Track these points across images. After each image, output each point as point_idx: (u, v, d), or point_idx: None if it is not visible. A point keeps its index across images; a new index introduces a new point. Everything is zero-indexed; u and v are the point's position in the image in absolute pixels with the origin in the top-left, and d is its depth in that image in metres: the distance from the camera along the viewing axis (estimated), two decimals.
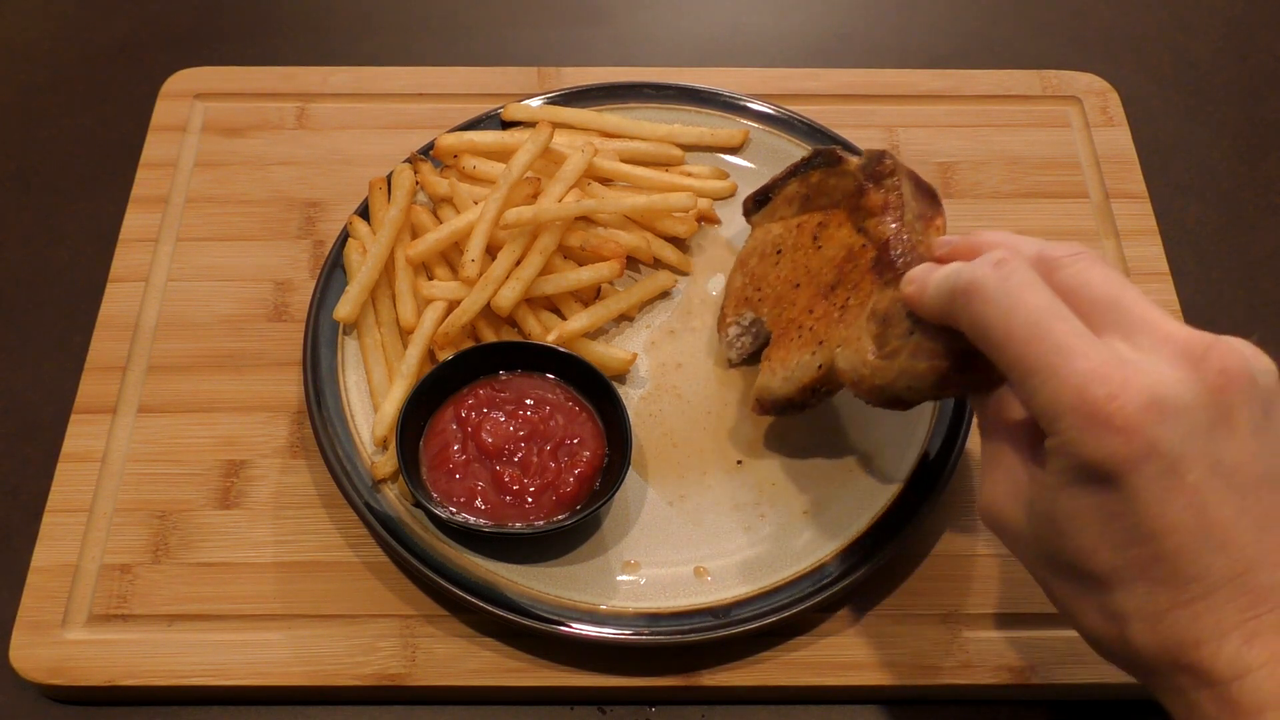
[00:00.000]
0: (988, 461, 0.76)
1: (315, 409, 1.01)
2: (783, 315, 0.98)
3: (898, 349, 0.79)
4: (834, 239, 0.97)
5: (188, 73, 1.31)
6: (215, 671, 0.93)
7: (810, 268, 0.98)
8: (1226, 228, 1.26)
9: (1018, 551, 0.75)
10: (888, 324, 0.81)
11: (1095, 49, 1.41)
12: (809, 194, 1.02)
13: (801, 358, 0.93)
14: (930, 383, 0.78)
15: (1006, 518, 0.74)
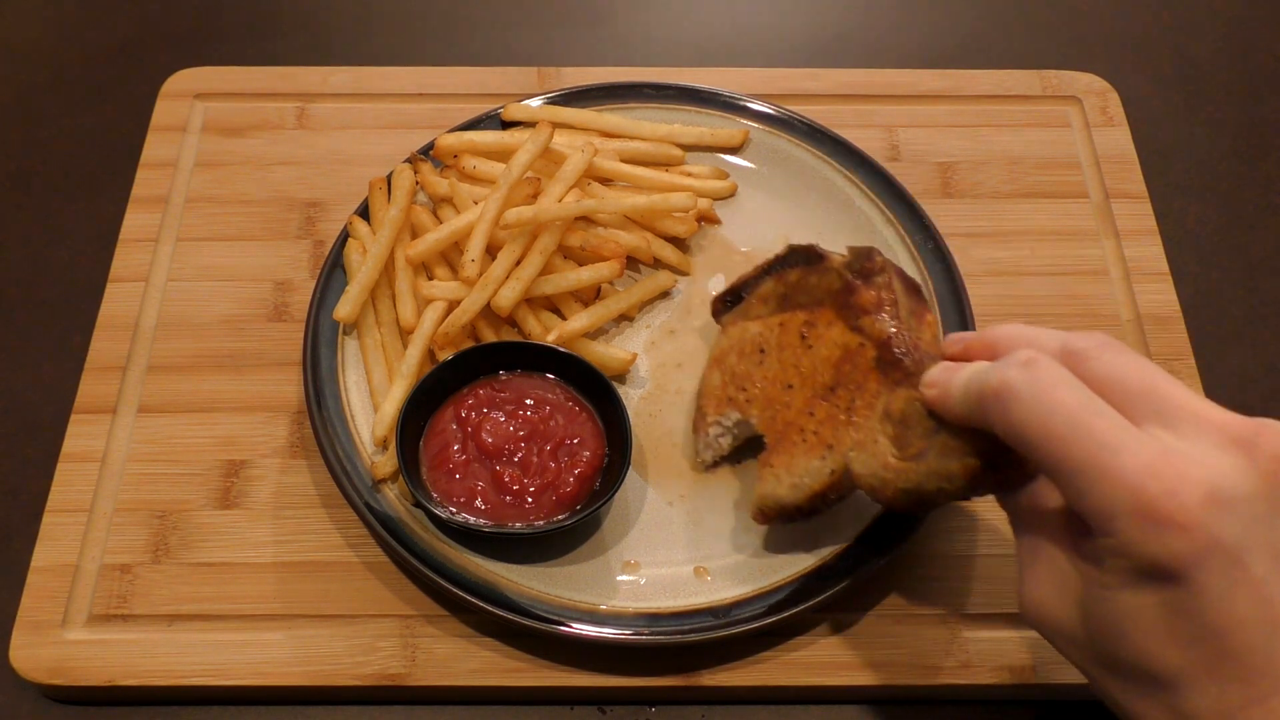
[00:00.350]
0: (1027, 557, 0.75)
1: (315, 409, 1.01)
2: (777, 418, 0.94)
3: (923, 450, 0.78)
4: (825, 338, 0.93)
5: (188, 73, 1.31)
6: (215, 671, 0.93)
7: (802, 368, 0.94)
8: (1226, 228, 1.26)
9: (1067, 650, 0.73)
10: (906, 425, 0.80)
11: (1095, 49, 1.41)
12: (787, 292, 0.98)
13: (810, 463, 0.89)
14: (963, 483, 0.77)
15: (1054, 616, 0.72)
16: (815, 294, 0.96)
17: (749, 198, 1.19)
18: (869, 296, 0.92)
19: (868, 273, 0.93)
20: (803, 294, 0.97)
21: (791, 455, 0.91)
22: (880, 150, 1.24)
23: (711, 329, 1.11)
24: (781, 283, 0.98)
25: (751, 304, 1.00)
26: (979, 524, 1.01)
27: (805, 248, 0.98)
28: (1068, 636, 0.72)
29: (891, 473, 0.81)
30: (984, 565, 0.99)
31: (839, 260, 0.96)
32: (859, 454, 0.85)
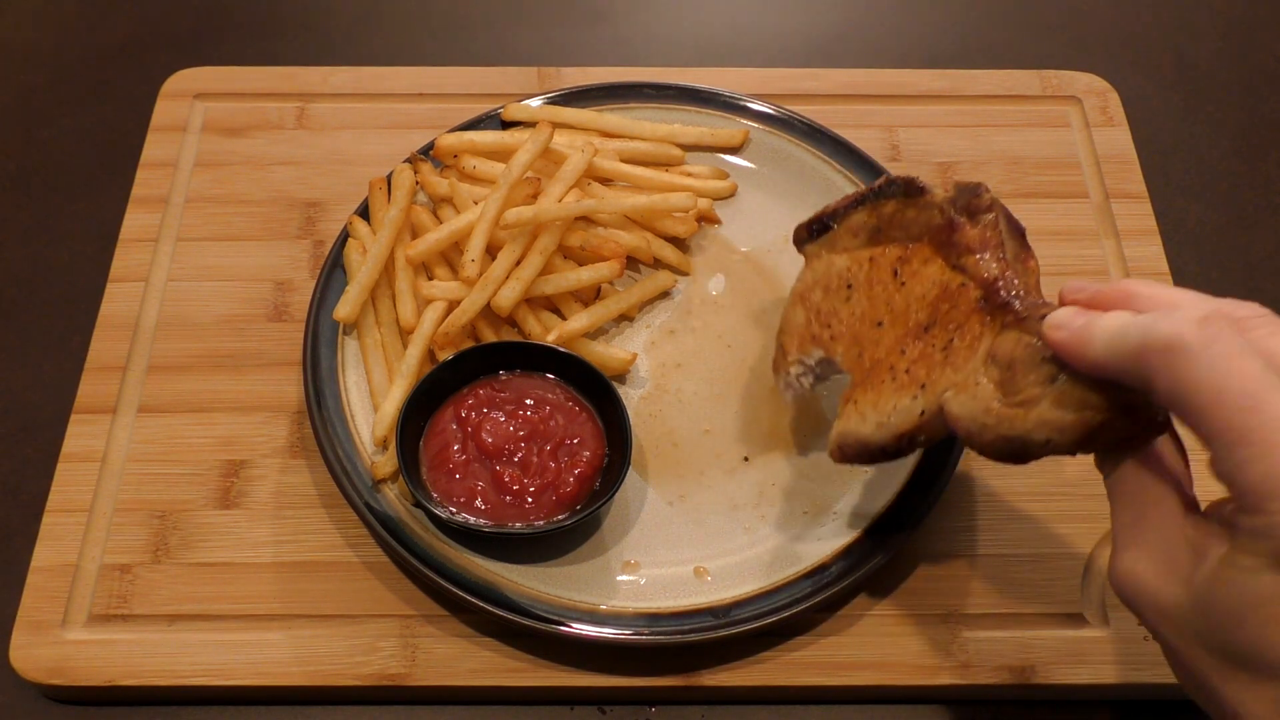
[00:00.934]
0: (1129, 527, 0.71)
1: (315, 409, 1.01)
2: (864, 355, 0.90)
3: (1035, 397, 0.74)
4: (921, 275, 0.88)
5: (188, 73, 1.31)
6: (215, 671, 0.93)
7: (895, 306, 0.89)
8: (1226, 228, 1.26)
9: (1161, 626, 0.70)
10: (1016, 369, 0.75)
11: (1095, 49, 1.41)
12: (880, 225, 0.92)
13: (899, 402, 0.84)
14: (1075, 436, 0.73)
15: (1155, 591, 0.69)
16: (912, 229, 0.90)
17: (749, 198, 1.19)
18: (973, 235, 0.86)
19: (974, 210, 0.87)
20: (898, 228, 0.91)
21: (879, 393, 0.87)
22: (880, 150, 1.24)
23: (712, 329, 1.11)
24: (875, 215, 0.93)
25: (839, 235, 0.95)
26: (979, 524, 1.01)
27: (906, 179, 0.92)
28: (1166, 613, 0.69)
29: (994, 418, 0.76)
30: (984, 565, 0.99)
31: (942, 195, 0.90)
32: (957, 395, 0.79)
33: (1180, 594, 0.67)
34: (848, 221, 0.95)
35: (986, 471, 1.04)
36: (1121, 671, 0.94)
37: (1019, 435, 0.74)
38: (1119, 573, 0.71)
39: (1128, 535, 0.71)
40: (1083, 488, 1.02)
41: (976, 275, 0.84)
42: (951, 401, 0.80)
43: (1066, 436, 0.73)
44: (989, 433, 0.76)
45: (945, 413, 0.80)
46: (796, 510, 1.00)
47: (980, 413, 0.77)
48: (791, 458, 1.03)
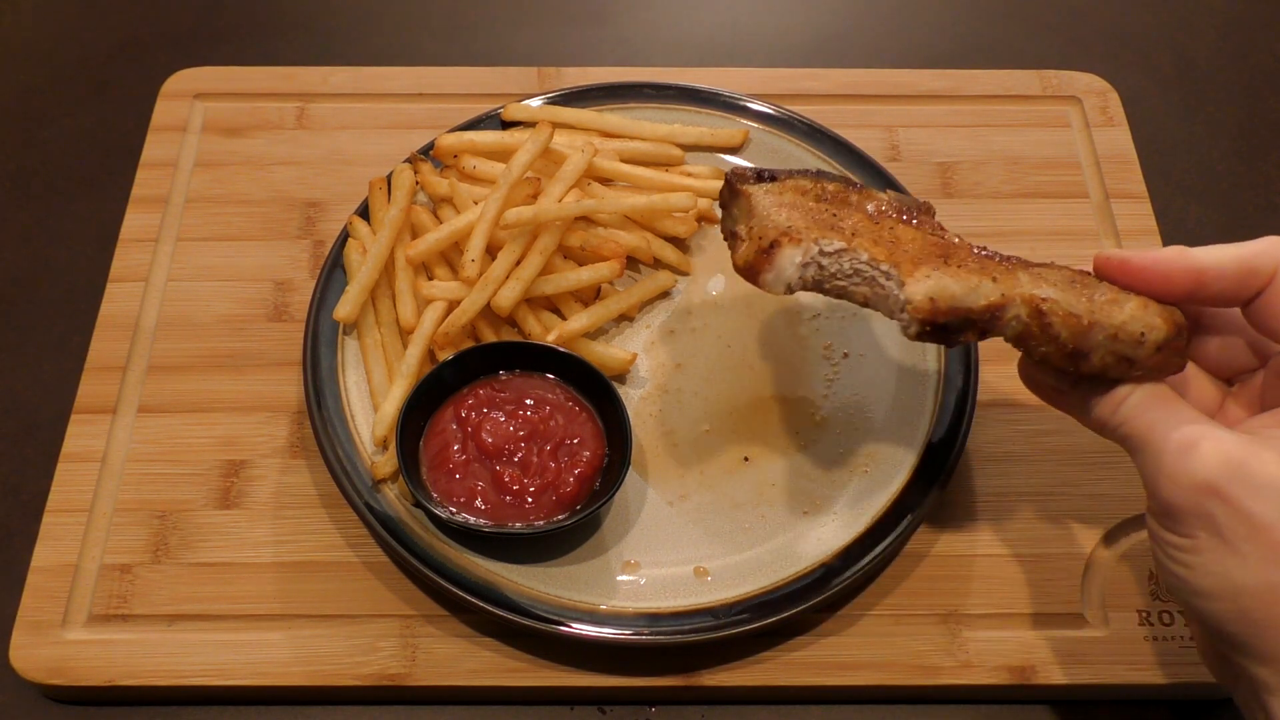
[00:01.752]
0: (1194, 425, 0.74)
1: (315, 409, 1.01)
2: (896, 253, 0.85)
3: (1119, 299, 0.78)
4: (902, 231, 0.88)
5: (188, 73, 1.31)
6: (215, 671, 0.93)
7: (899, 236, 0.87)
8: (1226, 228, 1.26)
9: (1264, 508, 0.70)
10: (1083, 286, 0.79)
11: (1095, 49, 1.41)
12: (824, 195, 0.92)
13: (979, 280, 0.81)
14: (1159, 339, 0.77)
15: (1252, 467, 0.71)
16: (864, 204, 0.91)
17: None
18: (933, 223, 0.91)
19: (925, 211, 0.92)
20: (844, 202, 0.91)
21: (952, 270, 0.83)
22: (880, 150, 1.24)
23: (712, 329, 1.11)
24: (819, 186, 0.93)
25: (785, 187, 0.92)
26: (979, 524, 1.01)
27: (845, 174, 0.96)
28: (1267, 486, 0.70)
29: (1084, 308, 0.78)
30: (984, 565, 0.99)
31: (886, 196, 0.92)
32: (1048, 286, 0.80)
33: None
34: (793, 180, 0.93)
35: (986, 471, 1.04)
36: (1121, 671, 0.94)
37: (1116, 324, 0.77)
38: (1202, 465, 0.71)
39: (1194, 432, 0.73)
40: (1083, 488, 1.03)
41: (963, 242, 0.87)
42: (1041, 286, 0.80)
43: (1154, 336, 0.77)
44: (1081, 321, 0.78)
45: (1035, 298, 0.79)
46: (796, 510, 1.00)
47: (1075, 301, 0.79)
48: (791, 458, 1.03)
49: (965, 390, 1.03)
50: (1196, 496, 0.72)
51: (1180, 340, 0.78)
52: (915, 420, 1.03)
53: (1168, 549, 0.75)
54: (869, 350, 1.09)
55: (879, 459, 1.02)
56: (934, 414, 1.03)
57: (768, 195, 0.91)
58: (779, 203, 0.90)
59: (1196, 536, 0.72)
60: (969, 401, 1.02)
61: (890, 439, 1.03)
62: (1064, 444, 1.05)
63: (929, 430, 1.02)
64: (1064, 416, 0.84)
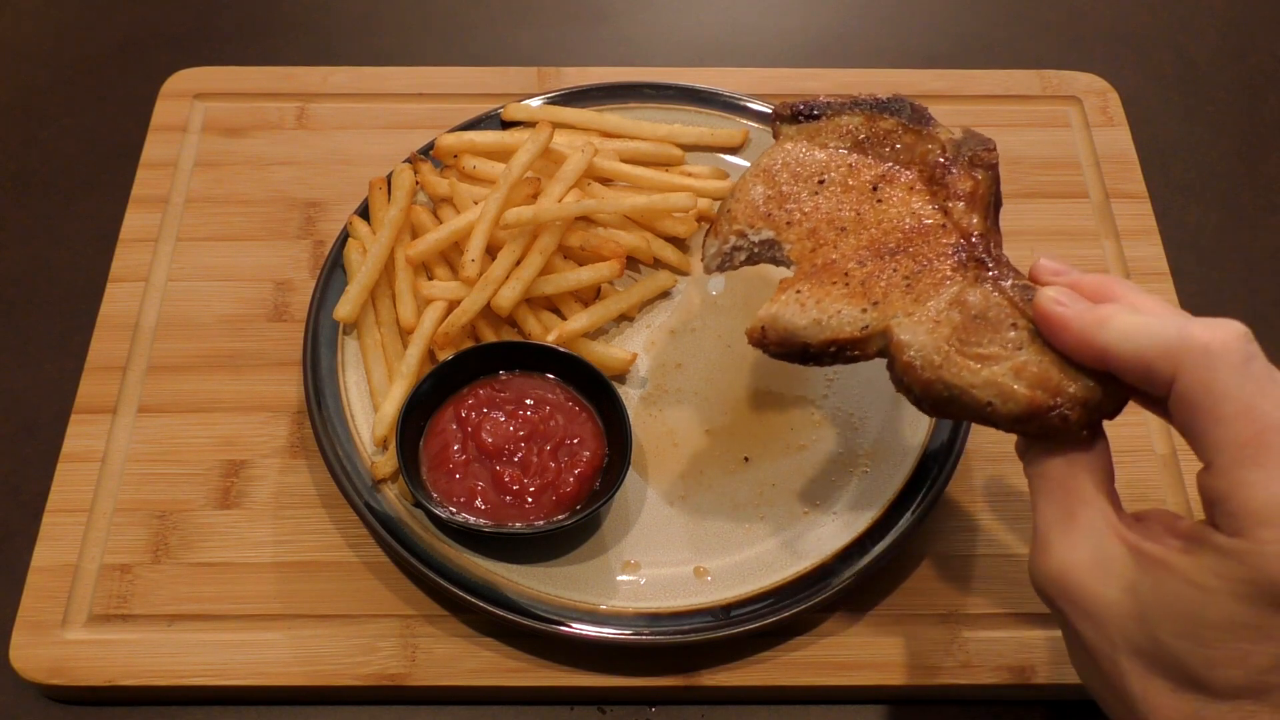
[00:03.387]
0: (1057, 522, 0.71)
1: (315, 409, 1.01)
2: (817, 252, 0.85)
3: (994, 356, 0.73)
4: (901, 201, 0.85)
5: (188, 73, 1.31)
6: (215, 671, 0.93)
7: (865, 218, 0.85)
8: (1226, 228, 1.26)
9: (1089, 628, 0.69)
10: (982, 324, 0.74)
11: (1095, 49, 1.41)
12: (870, 137, 0.89)
13: (844, 307, 0.81)
14: (1017, 411, 0.72)
15: (1085, 591, 0.69)
16: (904, 154, 0.88)
17: None
18: (966, 184, 0.85)
19: (976, 162, 0.86)
20: (888, 147, 0.89)
21: (825, 292, 0.82)
22: None
23: (712, 329, 1.11)
24: (869, 125, 0.90)
25: (824, 129, 0.91)
26: (979, 524, 1.01)
27: (916, 105, 0.90)
28: (1095, 614, 0.68)
29: (943, 359, 0.74)
30: (984, 565, 0.99)
31: (947, 135, 0.88)
32: (909, 323, 0.77)
33: (1117, 598, 0.67)
34: (838, 120, 0.91)
35: (987, 471, 1.04)
36: None
37: (961, 386, 0.73)
38: (1046, 569, 0.71)
39: (1056, 532, 0.71)
40: None
41: (960, 224, 0.83)
42: (904, 327, 0.77)
43: (1008, 408, 0.72)
44: (930, 372, 0.74)
45: (891, 337, 0.78)
46: (796, 510, 1.00)
47: (933, 350, 0.75)
48: (791, 458, 1.03)
49: None
50: (1044, 598, 0.72)
51: (1051, 418, 0.71)
52: (915, 420, 1.03)
53: None
54: None
55: (879, 459, 1.02)
56: None
57: (779, 149, 0.92)
58: (774, 165, 0.91)
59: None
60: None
61: (890, 439, 1.03)
62: None
63: (929, 430, 1.02)
64: None
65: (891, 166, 0.87)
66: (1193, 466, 1.03)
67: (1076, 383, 0.71)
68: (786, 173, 0.90)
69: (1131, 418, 1.06)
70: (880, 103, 0.91)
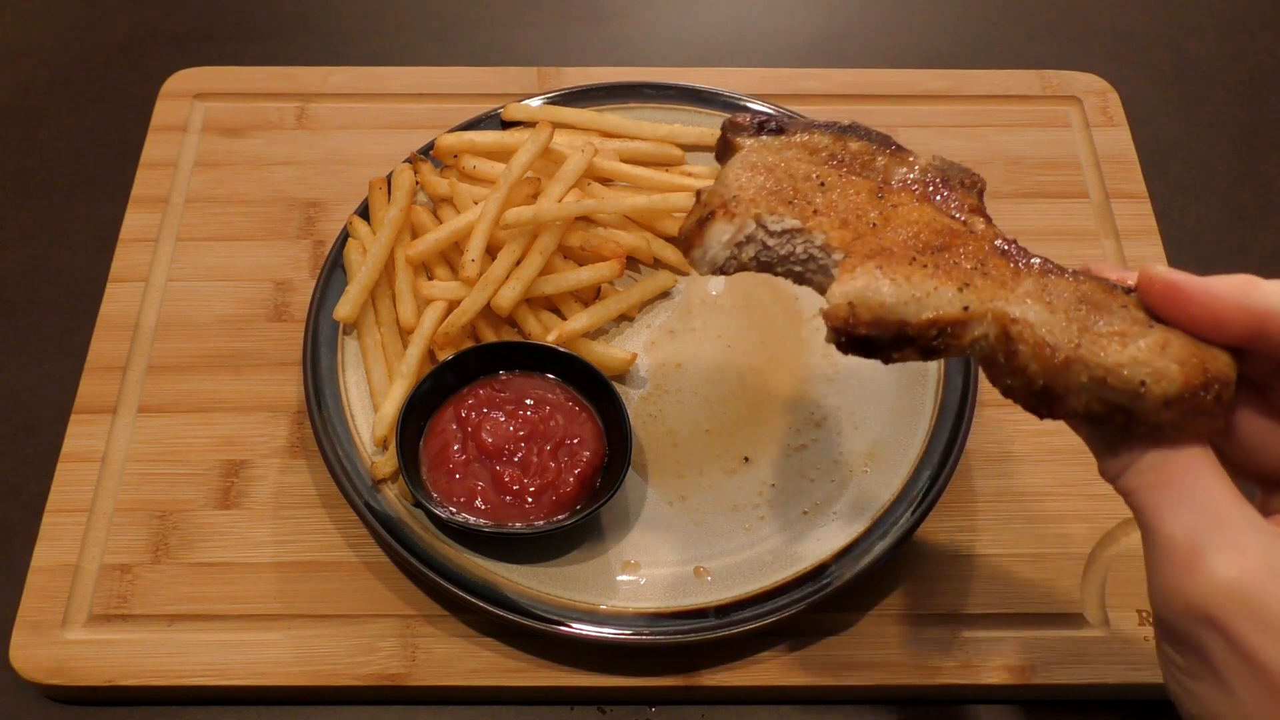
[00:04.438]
0: (1210, 531, 0.60)
1: (315, 409, 1.01)
2: (862, 240, 0.73)
3: (1128, 333, 0.64)
4: (914, 208, 0.75)
5: (188, 73, 1.31)
6: (215, 671, 0.93)
7: (891, 219, 0.74)
8: (1226, 228, 1.26)
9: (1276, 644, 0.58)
10: (1091, 306, 0.66)
11: (1095, 49, 1.41)
12: (842, 156, 0.78)
13: (938, 285, 0.69)
14: (1168, 393, 0.63)
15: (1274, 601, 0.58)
16: (887, 173, 0.78)
17: None
18: (969, 201, 0.75)
19: (968, 184, 0.77)
20: (867, 166, 0.78)
21: (908, 271, 0.70)
22: None
23: (712, 329, 1.11)
24: (838, 144, 0.79)
25: (790, 144, 0.79)
26: (979, 524, 1.01)
27: (883, 135, 0.80)
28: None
29: (1079, 337, 0.64)
30: (984, 565, 0.99)
31: (926, 160, 0.79)
32: (1036, 303, 0.66)
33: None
34: (804, 137, 0.79)
35: (986, 471, 1.04)
36: (1121, 671, 0.94)
37: (1108, 366, 0.63)
38: (1204, 589, 0.59)
39: (1208, 542, 0.60)
40: (1083, 488, 1.02)
41: (985, 232, 0.73)
42: (1024, 304, 0.67)
43: (1161, 388, 0.62)
44: (1068, 351, 0.64)
45: (1009, 316, 0.67)
46: (796, 510, 1.00)
47: (1060, 327, 0.65)
48: (791, 458, 1.03)
49: (965, 390, 1.03)
50: (1191, 624, 0.60)
51: (1205, 398, 0.63)
52: (915, 420, 1.03)
53: (1163, 659, 0.64)
54: None
55: (879, 459, 1.02)
56: (934, 414, 1.03)
57: (756, 153, 0.78)
58: (761, 164, 0.78)
59: (1190, 659, 0.61)
60: (969, 401, 1.02)
61: (890, 439, 1.03)
62: (1064, 444, 1.05)
63: (929, 430, 1.02)
64: None
65: (881, 181, 0.77)
66: None
67: (1218, 358, 0.63)
68: (779, 172, 0.78)
69: None
70: (844, 127, 0.81)
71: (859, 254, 0.71)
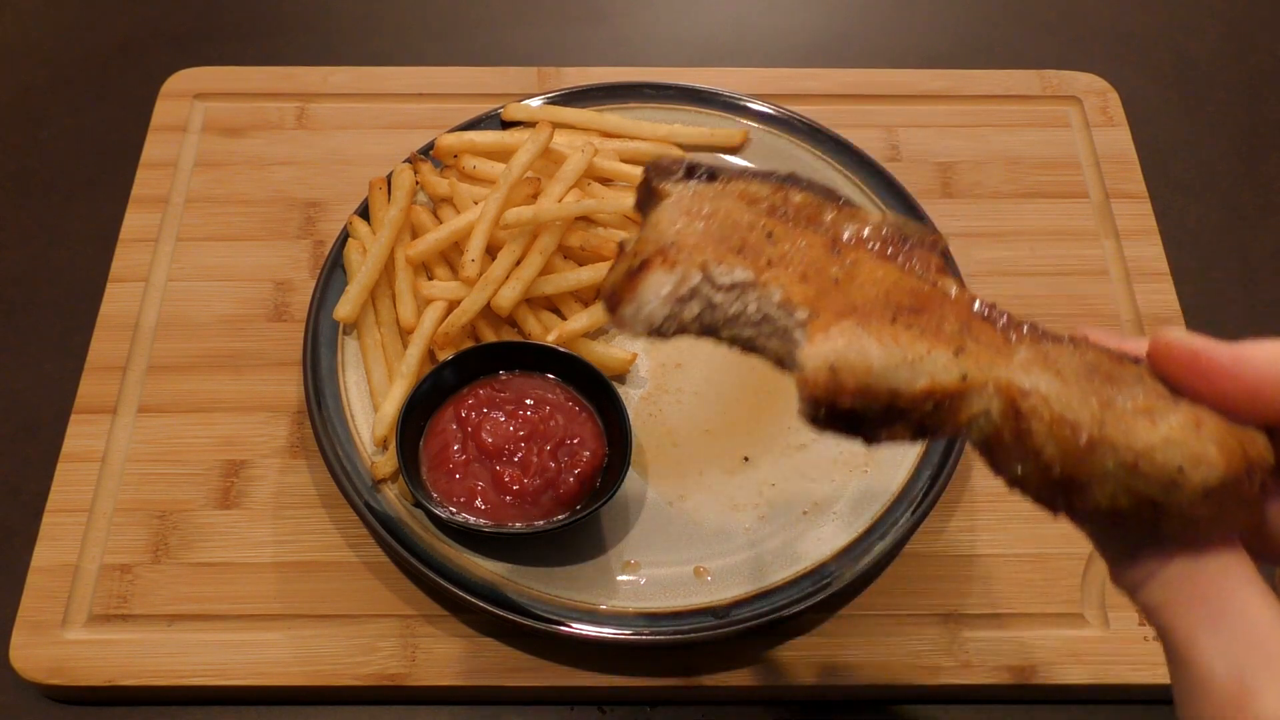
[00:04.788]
0: (1260, 664, 0.50)
1: (315, 409, 1.01)
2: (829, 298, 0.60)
3: (1155, 410, 0.53)
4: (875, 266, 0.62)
5: (188, 73, 1.31)
6: (215, 671, 0.93)
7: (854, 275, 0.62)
8: (1226, 228, 1.26)
9: None
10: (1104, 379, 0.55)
11: (1095, 49, 1.41)
12: (785, 209, 0.66)
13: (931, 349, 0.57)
14: (1208, 482, 0.51)
15: None
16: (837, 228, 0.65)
17: None
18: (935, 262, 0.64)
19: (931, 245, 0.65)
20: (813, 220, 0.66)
21: (892, 331, 0.58)
22: (880, 150, 1.24)
23: None
24: (779, 195, 0.67)
25: (725, 192, 0.66)
26: (979, 524, 1.01)
27: (825, 186, 0.68)
28: None
29: (1102, 414, 0.53)
30: (984, 565, 0.99)
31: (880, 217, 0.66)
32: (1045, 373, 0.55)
33: None
34: (742, 185, 0.67)
35: (986, 471, 1.03)
36: (1121, 671, 0.94)
37: (1139, 450, 0.52)
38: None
39: (1259, 675, 0.50)
40: None
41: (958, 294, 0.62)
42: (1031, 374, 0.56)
43: (1200, 474, 0.51)
44: (1078, 435, 0.53)
45: (1014, 388, 0.55)
46: (796, 510, 1.00)
47: (1078, 402, 0.54)
48: (791, 458, 1.03)
49: None
50: None
51: (1249, 485, 0.52)
52: None
53: None
54: None
55: (879, 459, 1.02)
56: None
57: (689, 199, 0.66)
58: (697, 210, 0.65)
59: None
60: None
61: None
62: None
63: None
64: None
65: (832, 237, 0.65)
66: None
67: (1255, 439, 0.53)
68: (720, 219, 0.64)
69: None
70: (784, 177, 0.68)
71: (829, 311, 0.59)
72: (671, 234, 0.63)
